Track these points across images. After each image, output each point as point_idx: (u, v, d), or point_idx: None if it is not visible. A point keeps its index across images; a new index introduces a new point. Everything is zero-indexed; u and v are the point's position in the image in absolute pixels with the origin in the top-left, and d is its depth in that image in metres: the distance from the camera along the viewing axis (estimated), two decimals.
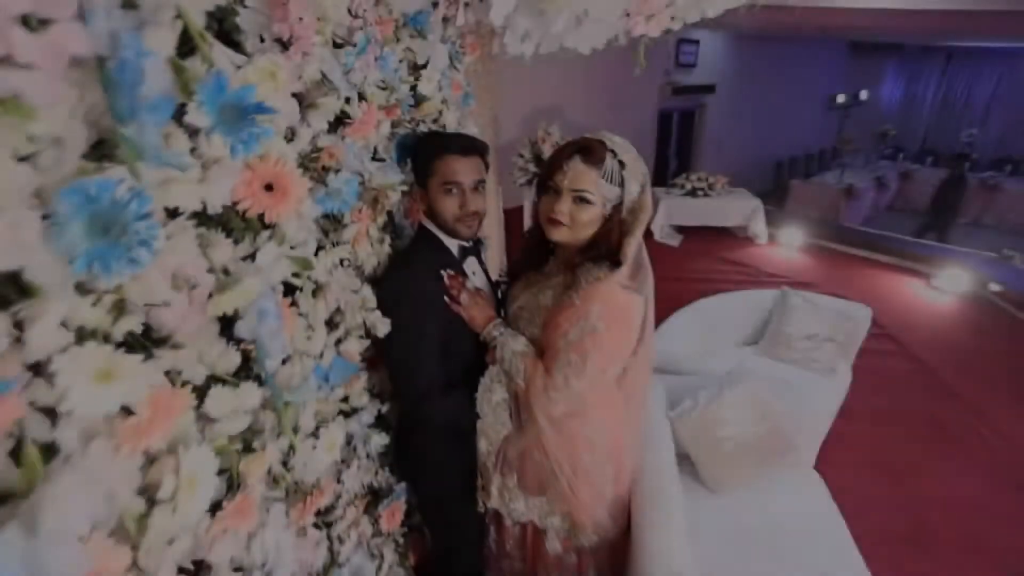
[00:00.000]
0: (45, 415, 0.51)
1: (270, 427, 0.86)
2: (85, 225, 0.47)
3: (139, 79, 0.48)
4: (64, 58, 0.41)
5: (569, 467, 1.30)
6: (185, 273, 0.64)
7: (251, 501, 0.78)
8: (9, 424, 0.43)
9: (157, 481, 0.61)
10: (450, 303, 1.23)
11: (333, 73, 0.94)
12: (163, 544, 0.62)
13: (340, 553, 1.19)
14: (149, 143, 0.50)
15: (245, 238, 0.77)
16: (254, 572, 0.82)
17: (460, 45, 1.63)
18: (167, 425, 0.61)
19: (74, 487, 0.49)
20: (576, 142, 1.14)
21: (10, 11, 0.36)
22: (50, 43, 0.39)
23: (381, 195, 1.20)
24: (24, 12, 0.37)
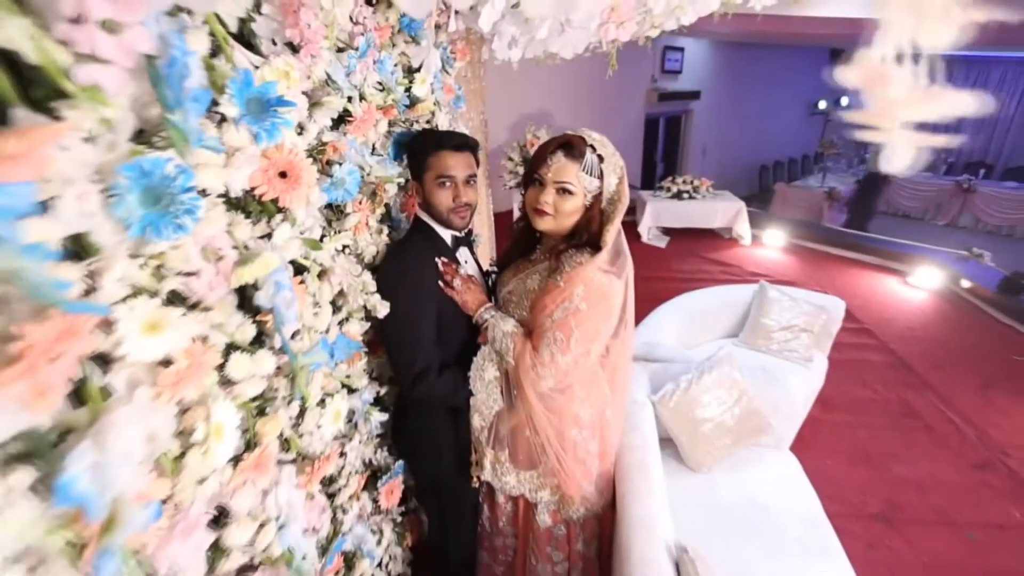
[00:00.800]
0: (99, 363, 0.60)
1: (282, 395, 0.95)
2: (140, 196, 0.56)
3: (186, 73, 0.57)
4: (133, 55, 0.50)
5: (557, 442, 1.39)
6: (213, 246, 0.73)
7: (267, 457, 0.86)
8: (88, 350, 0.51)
9: (190, 427, 0.70)
10: (444, 288, 1.32)
11: (337, 74, 1.04)
12: (195, 483, 0.71)
13: (343, 523, 1.27)
14: (192, 129, 0.59)
15: (261, 220, 0.86)
16: (270, 524, 0.90)
17: (451, 50, 1.73)
18: (199, 377, 0.69)
19: (129, 421, 0.57)
20: (559, 138, 1.24)
21: (94, 17, 0.45)
22: (124, 43, 0.48)
23: (379, 188, 1.30)
24: (105, 17, 0.46)
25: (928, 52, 0.25)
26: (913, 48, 0.25)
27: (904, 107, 0.26)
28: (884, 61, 0.25)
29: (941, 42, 0.25)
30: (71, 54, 0.47)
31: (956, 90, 0.27)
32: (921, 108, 0.26)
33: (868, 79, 0.26)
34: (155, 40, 0.55)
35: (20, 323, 0.44)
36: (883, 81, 0.25)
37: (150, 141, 0.63)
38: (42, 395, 0.46)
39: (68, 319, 0.46)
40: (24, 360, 0.43)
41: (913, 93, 0.26)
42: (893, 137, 0.27)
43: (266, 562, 0.93)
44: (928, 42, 0.25)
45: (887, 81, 0.25)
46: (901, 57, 0.25)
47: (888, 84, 0.25)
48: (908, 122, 0.26)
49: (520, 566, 1.65)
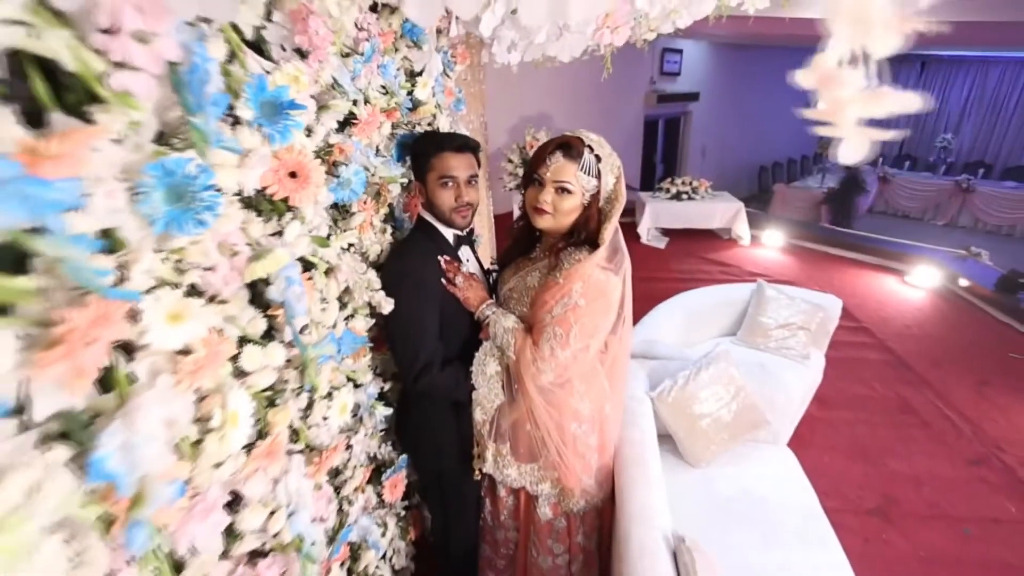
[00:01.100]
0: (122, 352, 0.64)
1: (292, 387, 0.99)
2: (164, 194, 0.60)
3: (207, 79, 0.61)
4: (161, 63, 0.54)
5: (557, 436, 1.42)
6: (229, 242, 0.76)
7: (278, 445, 0.90)
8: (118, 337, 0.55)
9: (208, 414, 0.73)
10: (447, 285, 1.36)
11: (343, 78, 1.08)
12: (212, 467, 0.75)
13: (349, 514, 1.30)
14: (211, 130, 0.63)
15: (272, 218, 0.90)
16: (281, 510, 0.94)
17: (452, 54, 1.78)
18: (216, 366, 0.73)
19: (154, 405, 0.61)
20: (557, 139, 1.28)
21: (128, 28, 0.49)
22: (153, 52, 0.52)
23: (383, 189, 1.34)
24: (137, 28, 0.50)
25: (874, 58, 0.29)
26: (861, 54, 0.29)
27: (853, 106, 0.29)
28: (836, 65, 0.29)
29: (885, 49, 0.28)
30: (105, 62, 0.51)
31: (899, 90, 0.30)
32: (868, 107, 0.29)
33: (821, 81, 0.29)
34: (179, 48, 0.59)
35: (59, 309, 0.48)
36: (834, 83, 0.29)
37: (169, 142, 0.67)
38: (79, 376, 0.50)
39: (102, 306, 0.50)
40: (65, 343, 0.47)
41: (861, 94, 0.29)
42: (844, 132, 0.30)
43: (277, 548, 0.97)
44: (874, 49, 0.28)
45: (838, 83, 0.29)
46: (851, 62, 0.29)
47: (839, 86, 0.29)
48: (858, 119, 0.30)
49: (521, 559, 1.68)
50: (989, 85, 9.92)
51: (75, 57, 0.49)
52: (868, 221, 8.67)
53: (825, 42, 0.29)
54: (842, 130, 0.30)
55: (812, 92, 0.30)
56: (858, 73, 0.29)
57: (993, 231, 8.36)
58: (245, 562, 0.90)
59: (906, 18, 0.27)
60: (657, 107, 8.06)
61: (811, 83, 0.30)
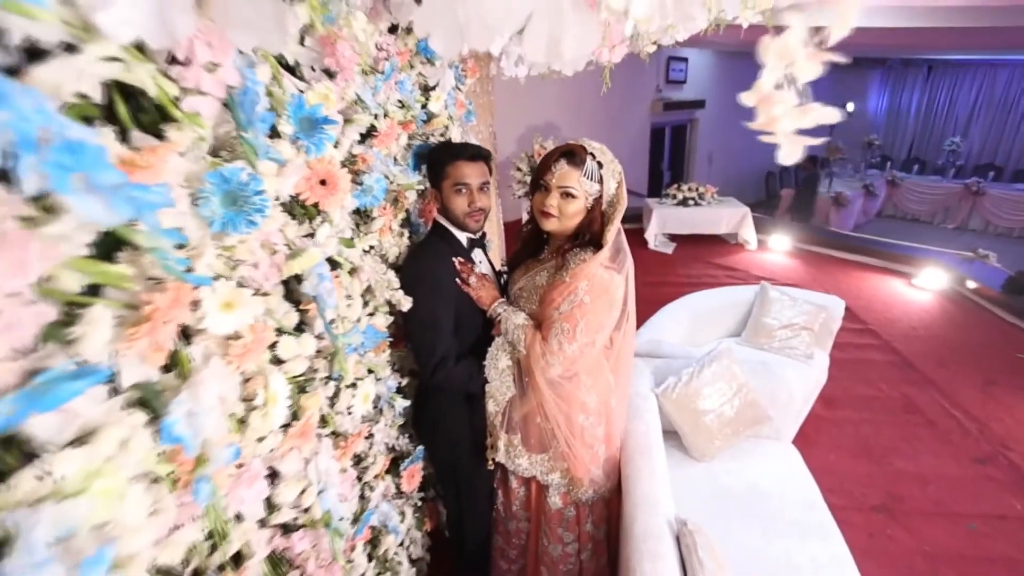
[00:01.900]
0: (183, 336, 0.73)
1: (320, 376, 1.08)
2: (221, 198, 0.70)
3: (256, 100, 0.71)
4: (224, 88, 0.64)
5: (566, 427, 1.50)
6: (270, 241, 0.86)
7: (310, 426, 0.99)
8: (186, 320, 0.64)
9: (252, 393, 0.83)
10: (461, 285, 1.45)
11: (365, 95, 1.18)
12: (255, 441, 0.84)
13: (371, 499, 1.39)
14: (260, 144, 0.73)
15: (304, 221, 1.00)
16: (312, 487, 1.03)
17: (462, 69, 1.88)
18: (259, 351, 0.82)
19: (212, 381, 0.71)
20: (562, 147, 1.38)
21: (200, 60, 0.59)
22: (218, 79, 0.62)
23: (401, 195, 1.44)
24: (207, 60, 0.60)
25: (799, 82, 0.37)
26: (789, 80, 0.37)
27: (786, 119, 0.37)
28: (772, 88, 0.37)
29: (807, 76, 0.37)
30: (178, 88, 0.61)
31: (822, 105, 0.39)
32: (798, 120, 0.38)
33: (761, 101, 0.38)
34: (237, 74, 0.69)
35: (144, 293, 0.57)
36: (770, 102, 0.37)
37: (219, 154, 0.77)
38: (158, 351, 0.60)
39: (177, 291, 0.59)
40: (150, 321, 0.56)
41: (792, 109, 0.38)
42: (780, 139, 0.38)
43: (307, 523, 1.06)
44: (798, 76, 0.37)
45: (773, 102, 0.37)
46: (781, 85, 0.37)
47: (774, 104, 0.37)
48: (790, 130, 0.38)
49: (533, 549, 1.76)
50: (998, 88, 9.90)
51: (157, 85, 0.59)
52: (877, 225, 8.69)
53: (762, 71, 0.37)
54: (778, 138, 0.38)
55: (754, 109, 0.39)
56: (789, 94, 0.38)
57: (1004, 233, 8.33)
58: (280, 534, 1.00)
59: (819, 53, 0.36)
60: (663, 115, 8.16)
61: (753, 102, 0.39)
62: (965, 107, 10.26)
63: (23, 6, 0.41)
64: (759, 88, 0.37)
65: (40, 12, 0.43)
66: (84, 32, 0.51)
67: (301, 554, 1.03)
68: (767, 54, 0.36)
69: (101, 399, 0.57)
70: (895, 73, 10.86)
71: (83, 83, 0.52)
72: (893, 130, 11.09)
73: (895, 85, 11.00)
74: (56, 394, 0.47)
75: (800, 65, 0.37)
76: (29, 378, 0.47)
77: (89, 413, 0.56)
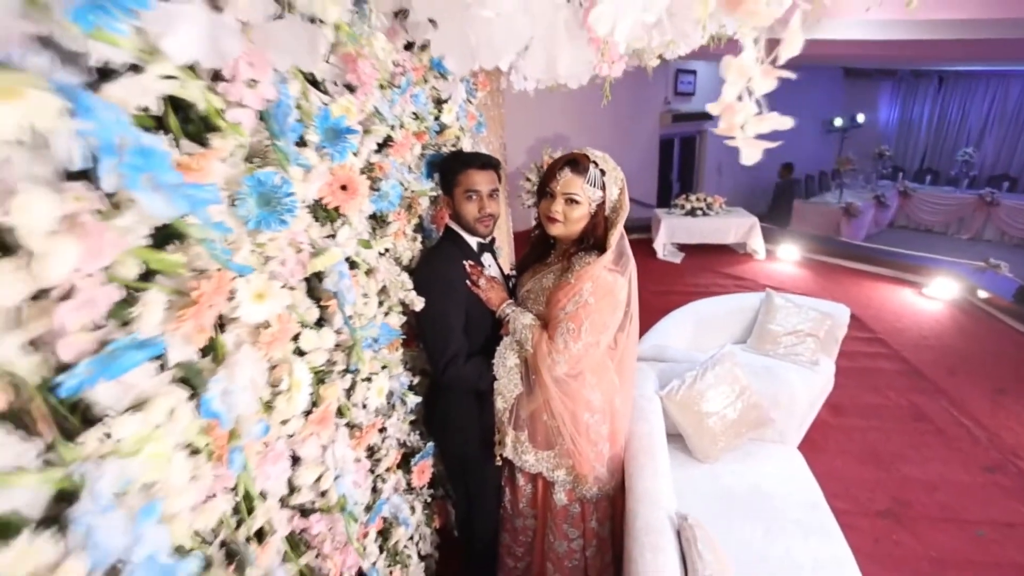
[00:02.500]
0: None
1: (338, 369, 1.16)
2: (256, 199, 0.78)
3: (288, 112, 0.79)
4: (262, 101, 0.72)
5: (572, 424, 1.56)
6: (296, 240, 0.94)
7: (328, 414, 1.07)
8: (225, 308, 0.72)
9: (278, 379, 0.90)
10: (471, 287, 1.52)
11: (383, 108, 1.27)
12: (280, 423, 0.91)
13: (383, 491, 1.46)
14: (291, 151, 0.81)
15: (326, 223, 1.08)
16: (329, 472, 1.10)
17: (473, 82, 1.97)
18: (285, 340, 0.90)
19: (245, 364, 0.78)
20: (566, 156, 1.45)
21: (243, 77, 0.68)
22: (258, 93, 0.70)
23: (415, 201, 1.52)
24: (249, 77, 0.68)
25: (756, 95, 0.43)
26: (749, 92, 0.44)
27: (747, 126, 0.44)
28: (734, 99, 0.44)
29: (763, 90, 0.43)
30: (223, 102, 0.70)
31: (778, 115, 0.45)
32: (756, 126, 0.44)
33: (724, 110, 0.44)
34: (273, 89, 0.77)
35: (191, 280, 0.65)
36: (732, 111, 0.44)
37: (252, 160, 0.85)
38: (201, 332, 0.68)
39: (220, 279, 0.67)
40: (197, 305, 0.64)
41: (752, 118, 0.44)
42: (742, 144, 0.45)
43: (324, 508, 1.12)
44: (756, 90, 0.43)
45: (735, 111, 0.44)
46: (741, 96, 0.44)
47: (736, 113, 0.44)
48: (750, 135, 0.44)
49: (539, 546, 1.81)
50: (1011, 99, 9.85)
51: (205, 100, 0.67)
52: (889, 235, 8.65)
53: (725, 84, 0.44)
54: (740, 142, 0.45)
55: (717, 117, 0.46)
56: (749, 104, 0.44)
57: (1020, 244, 8.25)
58: (299, 516, 1.07)
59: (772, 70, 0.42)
60: (672, 126, 8.23)
61: (718, 111, 0.46)
62: (978, 118, 10.21)
63: (109, 35, 0.49)
64: (723, 98, 0.44)
65: (121, 40, 0.51)
66: (148, 55, 0.59)
67: (318, 536, 1.10)
68: (728, 71, 0.43)
69: (152, 373, 0.65)
70: (906, 84, 10.85)
71: (146, 98, 0.61)
72: (905, 141, 11.06)
73: (906, 96, 10.98)
74: (121, 362, 0.55)
75: (756, 80, 0.44)
76: (101, 348, 0.55)
77: (142, 385, 0.63)
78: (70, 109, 0.48)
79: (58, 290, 0.51)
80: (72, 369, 0.51)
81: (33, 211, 0.46)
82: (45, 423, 0.54)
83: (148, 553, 0.57)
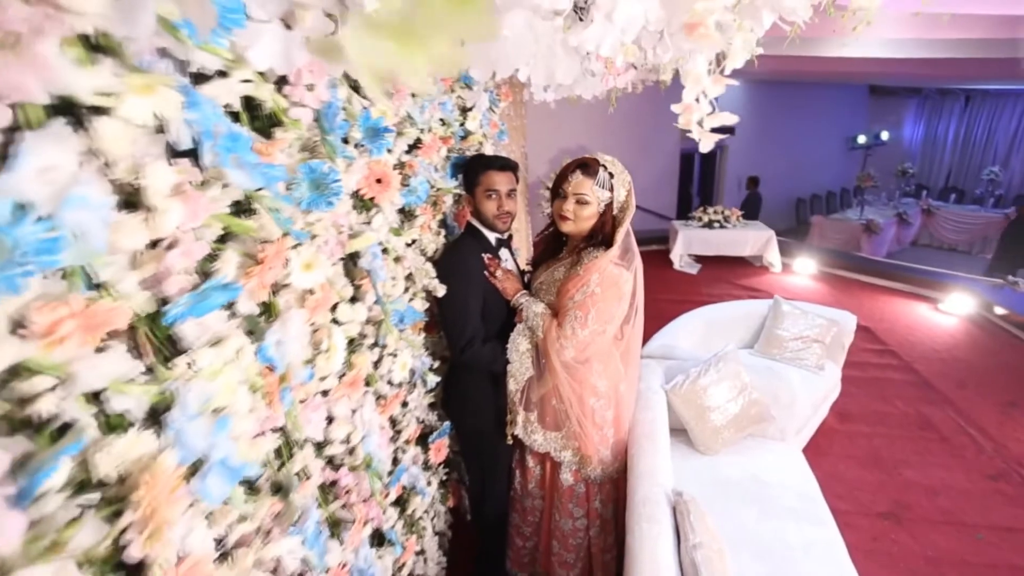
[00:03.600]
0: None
1: (368, 342, 1.30)
2: (308, 185, 0.93)
3: (337, 112, 0.94)
4: (318, 102, 0.88)
5: (578, 407, 1.68)
6: (338, 223, 1.09)
7: (359, 378, 1.21)
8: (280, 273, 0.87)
9: (319, 340, 1.05)
10: (489, 277, 1.66)
11: (414, 113, 1.42)
12: (319, 379, 1.06)
13: (402, 460, 1.59)
14: (338, 145, 0.97)
15: (362, 212, 1.23)
16: (356, 431, 1.24)
17: (497, 93, 2.13)
18: (326, 307, 1.05)
19: (294, 322, 0.93)
20: (577, 160, 1.59)
21: (303, 81, 0.83)
22: (315, 95, 0.85)
23: (440, 199, 1.67)
24: (308, 82, 0.84)
25: (710, 96, 0.56)
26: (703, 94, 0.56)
27: (704, 121, 0.57)
28: (692, 100, 0.57)
29: (714, 93, 0.56)
30: (287, 101, 0.85)
31: (728, 113, 0.58)
32: (710, 121, 0.57)
33: (684, 109, 0.57)
34: (327, 92, 0.93)
35: (259, 245, 0.80)
36: (691, 110, 0.57)
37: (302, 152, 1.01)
38: (263, 289, 0.82)
39: (280, 245, 0.82)
40: (262, 264, 0.79)
41: (707, 115, 0.57)
42: (698, 135, 0.58)
43: (350, 466, 1.26)
44: (709, 93, 0.56)
45: (693, 110, 0.56)
46: (699, 98, 0.57)
47: (693, 112, 0.56)
48: (706, 128, 0.57)
49: (546, 525, 1.92)
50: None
51: (272, 100, 0.82)
52: (911, 253, 8.58)
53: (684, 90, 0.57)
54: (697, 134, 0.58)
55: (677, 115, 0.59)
56: (704, 103, 0.58)
57: None
58: (330, 468, 1.21)
59: (720, 79, 0.56)
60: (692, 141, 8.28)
61: (679, 110, 0.59)
62: (1005, 136, 10.09)
63: (215, 47, 0.65)
64: (684, 99, 0.58)
65: (222, 51, 0.67)
66: (233, 62, 0.75)
67: (345, 487, 1.24)
68: (687, 79, 0.56)
69: (224, 319, 0.79)
70: (931, 102, 10.79)
71: (230, 97, 0.76)
72: (930, 159, 10.97)
73: (931, 114, 10.92)
74: (210, 300, 0.69)
75: (708, 87, 0.57)
76: (194, 288, 0.70)
77: (217, 327, 0.78)
78: (183, 102, 0.63)
79: (166, 240, 0.66)
80: (176, 301, 0.66)
81: (157, 178, 0.62)
82: (149, 348, 0.69)
83: (221, 457, 0.72)
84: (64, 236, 0.49)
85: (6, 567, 0.50)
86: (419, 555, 1.83)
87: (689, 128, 0.57)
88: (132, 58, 0.59)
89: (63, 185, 0.51)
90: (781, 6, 0.62)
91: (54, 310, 0.52)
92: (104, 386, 0.60)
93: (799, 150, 10.20)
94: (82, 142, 0.55)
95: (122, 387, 0.65)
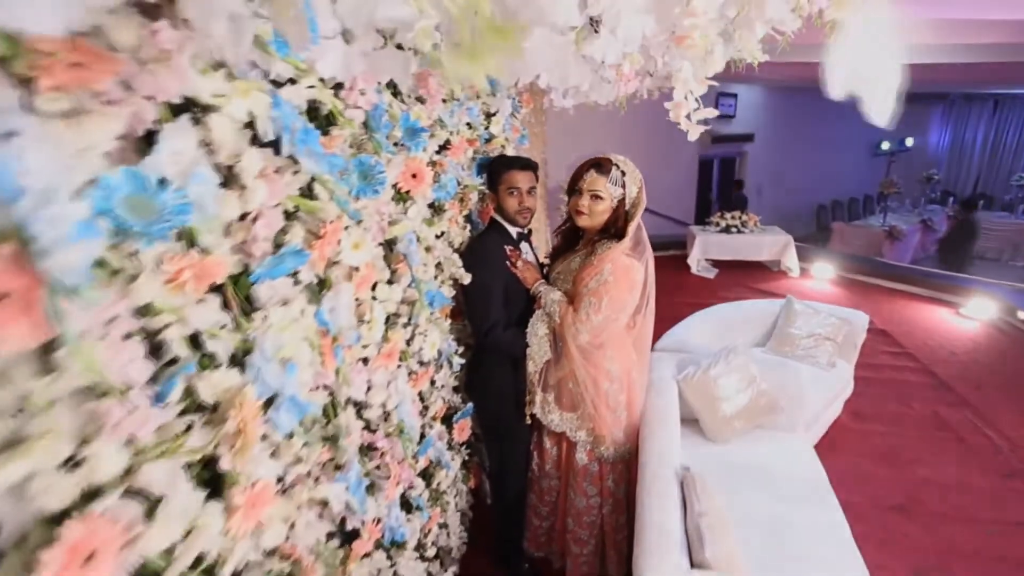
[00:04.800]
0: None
1: (402, 321, 1.46)
2: (359, 175, 1.09)
3: (383, 113, 1.10)
4: (370, 104, 1.03)
5: (593, 390, 1.81)
6: (380, 211, 1.25)
7: (394, 350, 1.36)
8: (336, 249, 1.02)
9: (363, 313, 1.20)
10: (510, 267, 1.81)
11: (445, 117, 1.58)
12: (362, 347, 1.21)
13: (429, 435, 1.74)
14: (384, 142, 1.12)
15: (399, 203, 1.39)
16: (392, 398, 1.39)
17: (519, 100, 2.29)
18: (370, 284, 1.20)
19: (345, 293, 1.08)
20: (592, 159, 1.73)
21: (357, 87, 0.99)
22: (366, 99, 1.01)
23: (466, 195, 1.83)
24: (361, 87, 0.99)
25: (695, 95, 0.69)
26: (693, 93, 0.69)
27: (693, 115, 0.69)
28: (682, 98, 0.70)
29: (699, 92, 0.69)
30: (342, 104, 1.01)
31: (713, 109, 0.71)
32: (698, 115, 0.70)
33: (675, 106, 0.70)
34: (376, 96, 1.09)
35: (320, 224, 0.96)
36: (681, 107, 0.70)
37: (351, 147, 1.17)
38: (322, 260, 0.98)
39: (337, 223, 0.97)
40: (322, 239, 0.94)
41: (694, 110, 0.70)
42: (687, 128, 0.71)
43: (385, 431, 1.41)
44: (695, 92, 0.69)
45: (682, 108, 0.69)
46: (687, 96, 0.70)
47: (683, 108, 0.69)
48: (693, 120, 0.70)
49: (562, 504, 2.04)
50: None
51: (332, 104, 0.98)
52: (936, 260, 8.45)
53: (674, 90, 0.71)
54: (684, 126, 0.71)
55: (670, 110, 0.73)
56: (691, 101, 0.71)
57: None
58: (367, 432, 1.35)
59: (704, 81, 0.69)
60: (712, 148, 8.39)
61: (672, 107, 0.72)
62: None
63: (295, 59, 0.80)
64: (675, 98, 0.71)
65: (298, 63, 0.82)
66: (302, 72, 0.91)
67: (380, 449, 1.38)
68: (676, 81, 0.70)
69: (291, 285, 0.95)
70: (957, 108, 10.66)
71: (298, 100, 0.92)
72: (956, 165, 10.82)
73: (958, 120, 10.78)
74: (285, 264, 0.85)
75: (694, 87, 0.70)
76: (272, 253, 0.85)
77: (285, 291, 0.94)
78: (270, 103, 0.79)
79: (253, 213, 0.82)
80: (261, 263, 0.82)
81: (251, 162, 0.77)
82: (234, 303, 0.85)
83: (291, 394, 0.87)
84: (192, 202, 0.64)
85: (140, 456, 0.65)
86: (442, 528, 1.96)
87: (679, 121, 0.71)
88: (234, 68, 0.74)
89: (187, 165, 0.67)
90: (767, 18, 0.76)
91: (180, 260, 0.67)
92: (204, 329, 0.75)
93: (822, 156, 10.17)
94: (199, 133, 0.71)
95: (215, 332, 0.81)
